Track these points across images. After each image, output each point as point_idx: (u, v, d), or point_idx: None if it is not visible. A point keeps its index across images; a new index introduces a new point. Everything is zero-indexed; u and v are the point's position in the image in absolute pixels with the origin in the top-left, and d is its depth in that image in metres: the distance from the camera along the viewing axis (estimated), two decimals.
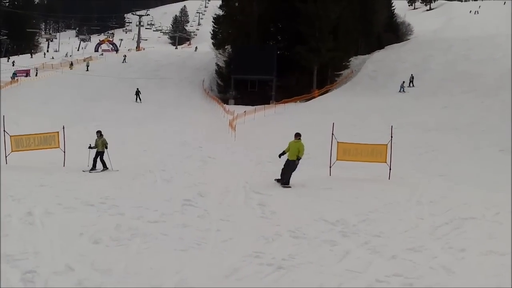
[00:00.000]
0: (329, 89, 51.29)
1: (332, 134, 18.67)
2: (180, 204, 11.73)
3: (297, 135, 15.82)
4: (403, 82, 45.87)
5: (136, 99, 45.77)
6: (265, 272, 7.77)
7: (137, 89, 46.53)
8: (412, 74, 46.93)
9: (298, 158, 15.43)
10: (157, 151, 19.60)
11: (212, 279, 7.30)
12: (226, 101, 47.56)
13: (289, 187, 14.89)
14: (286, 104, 43.03)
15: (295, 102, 45.63)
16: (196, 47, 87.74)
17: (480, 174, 19.00)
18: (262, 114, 36.93)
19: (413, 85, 46.51)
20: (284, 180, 15.17)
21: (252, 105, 41.69)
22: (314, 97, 47.63)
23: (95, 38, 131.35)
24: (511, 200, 13.40)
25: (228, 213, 11.45)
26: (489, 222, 11.81)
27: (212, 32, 62.41)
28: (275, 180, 15.39)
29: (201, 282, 7.09)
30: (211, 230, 9.97)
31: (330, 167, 17.81)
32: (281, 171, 15.47)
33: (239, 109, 36.75)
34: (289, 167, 15.34)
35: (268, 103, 45.42)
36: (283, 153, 15.83)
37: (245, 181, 15.07)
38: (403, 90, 45.11)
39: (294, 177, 15.30)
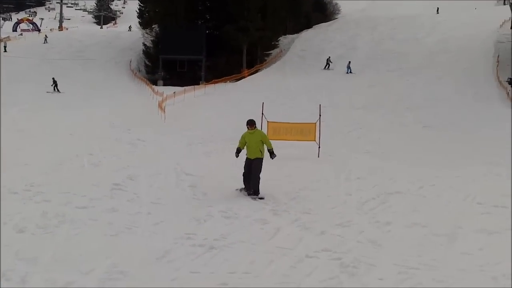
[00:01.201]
0: (259, 69, 51.43)
1: (262, 113, 18.84)
2: (109, 189, 11.55)
3: (251, 124, 12.10)
4: (349, 62, 45.51)
5: (54, 89, 39.25)
6: (197, 253, 7.81)
7: (53, 78, 39.92)
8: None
9: (271, 152, 12.19)
10: (84, 134, 19.16)
11: (144, 262, 7.27)
12: (154, 82, 46.80)
13: (262, 198, 11.42)
14: (216, 84, 42.88)
15: (225, 82, 45.52)
16: (130, 26, 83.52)
17: (405, 150, 19.67)
18: (192, 95, 36.67)
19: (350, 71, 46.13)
20: (252, 188, 11.62)
21: (182, 86, 41.21)
22: (244, 77, 47.65)
23: (16, 17, 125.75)
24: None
25: (159, 196, 11.39)
26: (413, 195, 12.29)
27: (138, 10, 61.05)
28: (237, 190, 12.03)
29: (132, 266, 7.06)
30: (142, 214, 9.90)
31: None
32: (242, 176, 12.04)
33: (168, 90, 36.28)
34: (255, 169, 11.75)
35: (198, 84, 45.07)
36: (239, 150, 12.30)
37: (176, 163, 14.98)
38: (350, 71, 44.65)
39: (226, 159, 15.12)
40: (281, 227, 9.37)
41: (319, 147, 17.78)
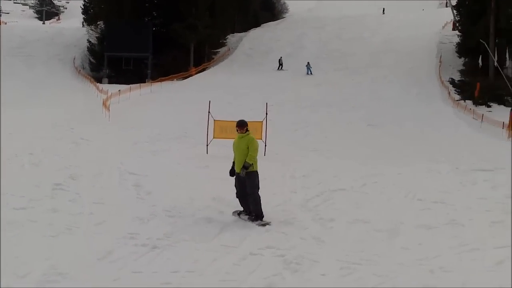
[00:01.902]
0: (206, 67, 51.29)
1: (209, 112, 18.80)
2: (50, 189, 11.26)
3: (242, 126, 10.01)
4: (308, 63, 45.39)
5: None
6: (140, 252, 7.71)
7: None
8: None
9: (245, 167, 9.58)
10: (24, 134, 18.68)
11: (85, 263, 7.12)
12: (99, 80, 46.02)
13: (268, 223, 9.44)
14: (162, 82, 42.52)
15: (172, 80, 45.20)
16: (83, 22, 78.58)
17: (350, 148, 20.01)
18: (137, 93, 36.28)
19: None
20: (253, 212, 9.59)
21: (127, 83, 40.67)
22: (191, 75, 47.43)
23: None
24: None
25: (102, 195, 11.18)
26: (356, 192, 12.52)
27: (83, 6, 59.83)
28: (234, 214, 9.98)
29: (72, 267, 6.90)
30: (84, 214, 9.70)
31: (207, 145, 17.94)
32: (236, 196, 9.95)
33: (113, 88, 35.76)
34: (250, 187, 9.62)
35: (144, 82, 44.59)
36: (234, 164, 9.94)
37: (120, 162, 14.77)
38: (311, 72, 44.35)
39: (172, 158, 14.99)
40: (226, 226, 9.36)
41: (265, 146, 17.86)
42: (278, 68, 46.63)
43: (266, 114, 19.22)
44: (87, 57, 53.70)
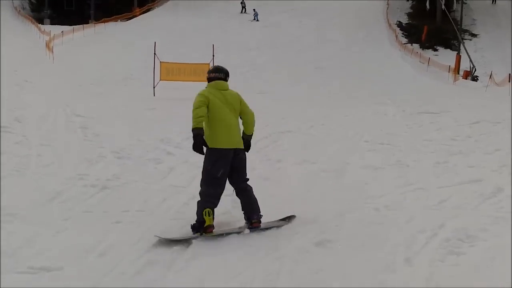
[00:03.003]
0: (151, 8, 50.10)
1: (155, 53, 18.55)
2: None
3: (222, 72, 6.62)
4: (254, 9, 43.66)
5: None
6: (90, 193, 7.73)
7: None
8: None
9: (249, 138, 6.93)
10: None
11: (34, 204, 7.10)
12: (41, 21, 44.43)
13: (287, 220, 6.99)
14: (106, 23, 41.40)
15: (116, 21, 44.04)
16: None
17: (297, 91, 20.16)
18: (81, 34, 35.28)
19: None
20: (255, 214, 6.63)
21: (70, 25, 39.45)
22: (135, 16, 46.28)
23: None
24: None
25: (49, 137, 11.04)
26: (303, 134, 12.74)
27: None
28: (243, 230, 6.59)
29: (22, 208, 6.88)
30: (31, 156, 9.59)
31: (154, 87, 17.78)
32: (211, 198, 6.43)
33: (56, 29, 34.64)
34: (242, 170, 6.72)
35: (87, 23, 43.34)
36: (201, 134, 6.11)
37: (66, 104, 14.50)
38: (257, 19, 42.78)
39: (117, 100, 14.75)
40: (175, 166, 9.44)
41: None
42: (242, 12, 45.17)
43: (213, 56, 19.11)
44: None
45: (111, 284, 5.09)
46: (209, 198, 6.35)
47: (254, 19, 43.11)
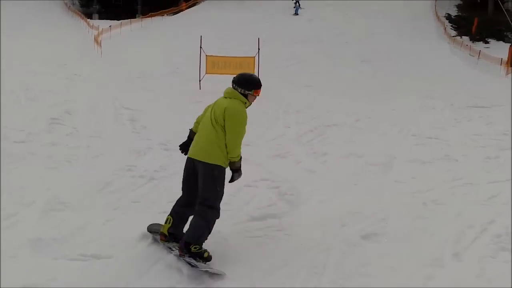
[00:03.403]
0: (197, 2, 50.41)
1: (201, 47, 18.68)
2: (47, 123, 11.29)
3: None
4: (297, 1, 42.55)
5: None
6: (138, 183, 7.88)
7: None
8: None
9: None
10: (19, 69, 18.52)
11: (85, 193, 7.28)
12: (89, 16, 45.27)
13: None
14: (153, 18, 41.84)
15: (163, 15, 44.47)
16: None
17: (343, 84, 19.99)
18: (128, 28, 35.75)
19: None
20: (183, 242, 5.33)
21: (117, 19, 40.03)
22: (181, 10, 46.66)
23: None
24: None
25: (98, 129, 11.26)
26: (350, 128, 12.64)
27: None
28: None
29: (73, 197, 7.06)
30: (81, 147, 9.82)
31: (200, 80, 17.92)
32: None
33: (104, 24, 35.24)
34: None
35: (134, 17, 43.93)
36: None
37: (114, 97, 14.75)
38: (297, 13, 41.69)
39: (165, 93, 14.79)
40: None
41: None
42: (295, 13, 43.63)
43: (259, 49, 19.13)
44: None
45: (160, 273, 5.19)
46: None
47: (295, 13, 42.67)
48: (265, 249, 5.89)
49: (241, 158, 5.70)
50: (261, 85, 5.68)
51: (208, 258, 5.33)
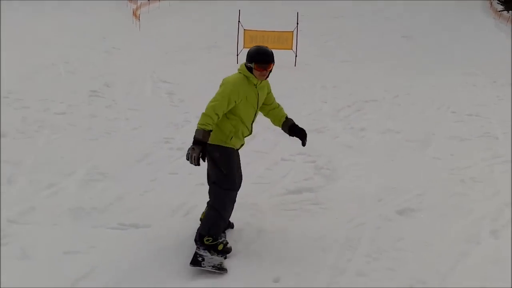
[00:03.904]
0: None
1: (239, 21, 18.63)
2: (87, 95, 11.50)
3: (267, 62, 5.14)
4: None
5: None
6: (175, 156, 7.98)
7: None
8: None
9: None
10: (59, 43, 18.80)
11: (123, 165, 7.43)
12: None
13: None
14: None
15: None
16: None
17: (382, 60, 19.71)
18: (167, 3, 35.78)
19: None
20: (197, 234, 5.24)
21: None
22: None
23: None
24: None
25: (136, 102, 11.40)
26: (388, 104, 12.50)
27: None
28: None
29: (112, 168, 7.21)
30: (120, 119, 9.97)
31: (238, 55, 17.90)
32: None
33: None
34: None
35: None
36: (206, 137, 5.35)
37: (152, 70, 14.88)
38: None
39: (202, 67, 14.86)
40: (257, 133, 9.47)
41: (296, 56, 17.77)
42: None
43: (297, 24, 18.97)
44: None
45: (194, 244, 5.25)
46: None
47: None
48: (300, 222, 5.93)
49: (208, 132, 5.21)
50: (262, 60, 5.06)
51: (226, 251, 5.06)
